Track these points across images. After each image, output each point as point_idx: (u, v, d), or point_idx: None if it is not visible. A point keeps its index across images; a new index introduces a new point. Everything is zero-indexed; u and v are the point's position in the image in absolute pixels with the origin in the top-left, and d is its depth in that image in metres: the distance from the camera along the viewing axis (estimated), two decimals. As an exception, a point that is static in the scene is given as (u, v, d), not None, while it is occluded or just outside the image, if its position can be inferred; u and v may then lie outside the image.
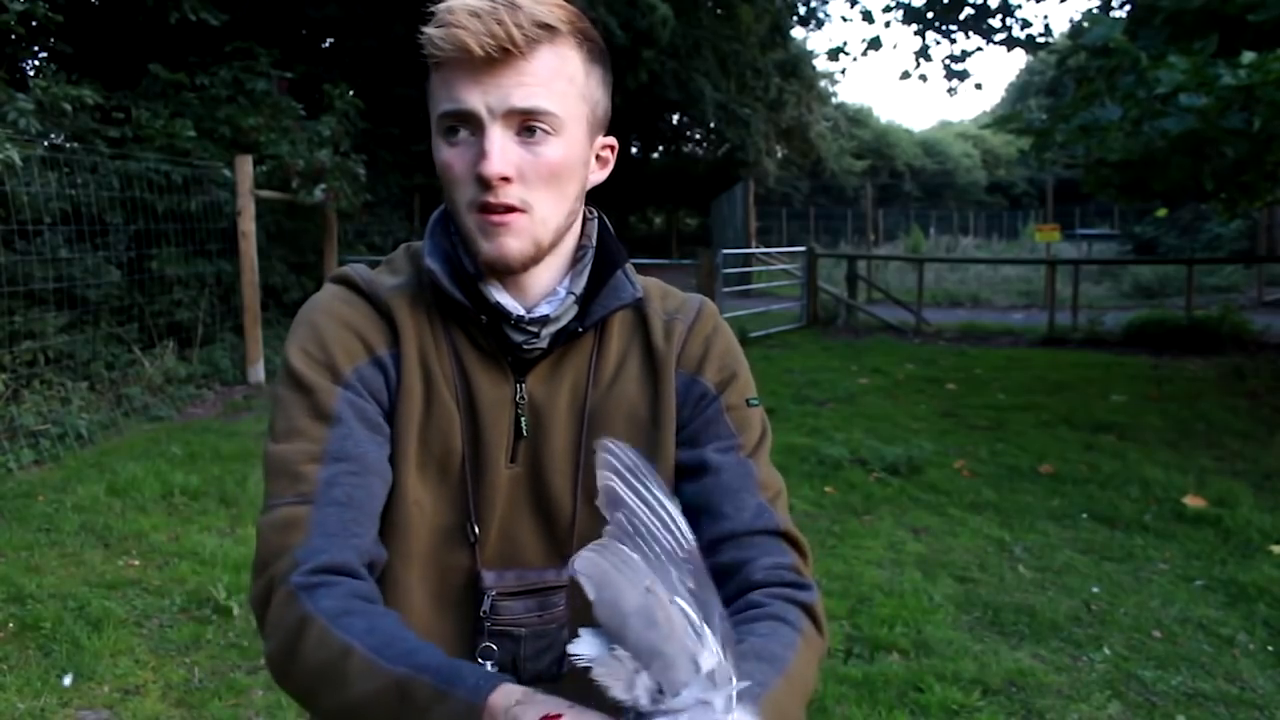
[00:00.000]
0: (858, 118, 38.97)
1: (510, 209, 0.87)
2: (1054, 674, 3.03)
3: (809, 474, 5.27)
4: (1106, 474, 5.24)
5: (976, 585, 3.76)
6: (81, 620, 3.34)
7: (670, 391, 0.98)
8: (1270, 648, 3.22)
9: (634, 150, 31.18)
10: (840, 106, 36.68)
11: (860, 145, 36.96)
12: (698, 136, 32.07)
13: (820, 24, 34.45)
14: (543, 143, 0.87)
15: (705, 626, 0.60)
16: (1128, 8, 8.23)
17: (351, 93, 10.20)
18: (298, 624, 0.79)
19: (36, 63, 9.96)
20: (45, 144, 6.75)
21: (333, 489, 0.85)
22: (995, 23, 10.98)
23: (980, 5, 10.85)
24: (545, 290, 0.95)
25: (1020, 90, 46.35)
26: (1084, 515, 4.61)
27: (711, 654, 0.59)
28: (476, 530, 0.93)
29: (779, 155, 29.75)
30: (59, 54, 9.24)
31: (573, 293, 0.95)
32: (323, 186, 8.36)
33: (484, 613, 0.94)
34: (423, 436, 0.92)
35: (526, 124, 0.87)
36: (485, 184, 0.86)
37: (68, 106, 6.77)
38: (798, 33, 27.33)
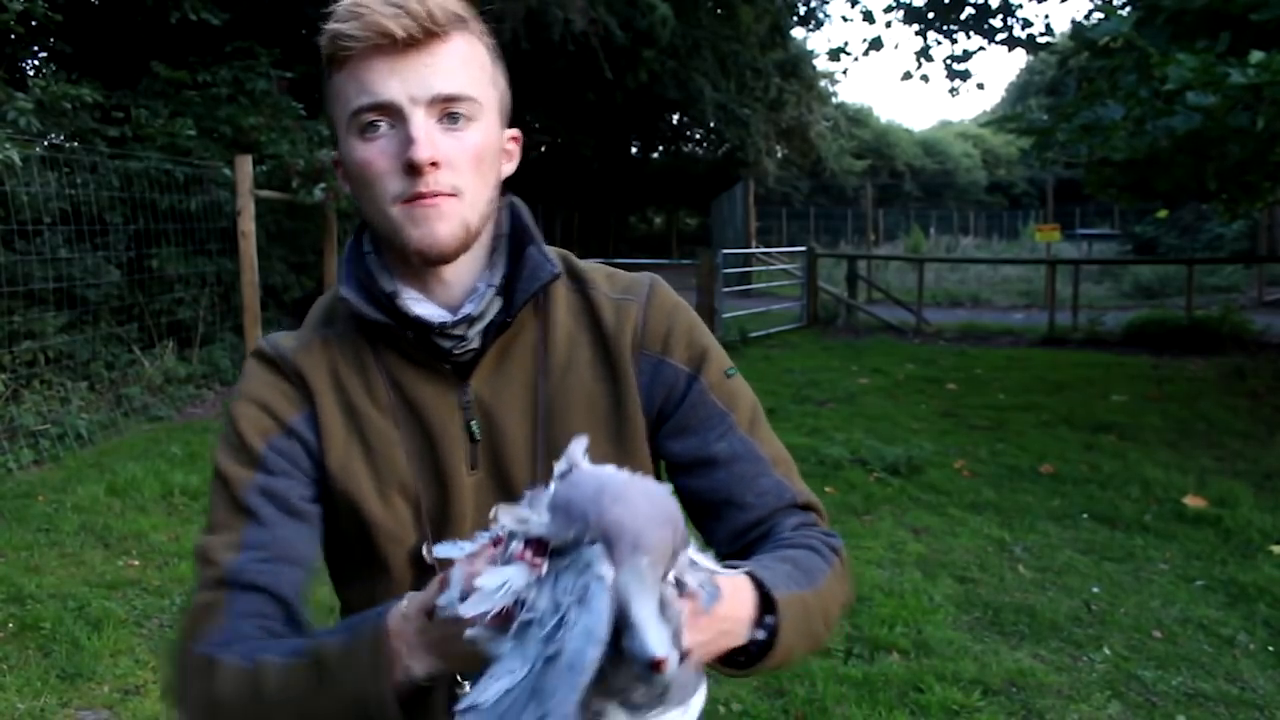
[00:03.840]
0: (858, 118, 38.95)
1: (439, 195, 0.85)
2: (1054, 674, 3.03)
3: (809, 474, 5.26)
4: (1106, 474, 5.24)
5: (976, 585, 3.75)
6: (81, 620, 3.34)
7: (629, 377, 0.95)
8: (1270, 648, 3.22)
9: (634, 150, 31.19)
10: (840, 106, 36.66)
11: (860, 145, 36.94)
12: (698, 136, 32.07)
13: (820, 24, 34.38)
14: (465, 128, 0.86)
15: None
16: (1129, 8, 8.22)
17: (352, 92, 10.17)
18: (208, 680, 0.79)
19: (36, 62, 9.96)
20: (45, 143, 6.75)
21: (245, 572, 0.84)
22: (996, 23, 10.96)
23: (981, 5, 10.84)
24: (467, 287, 0.93)
25: (1021, 90, 46.35)
26: (1084, 515, 4.61)
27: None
28: (432, 551, 0.89)
29: (779, 155, 29.73)
30: (59, 53, 9.24)
31: (493, 285, 0.92)
32: (323, 186, 8.36)
33: None
34: (371, 469, 0.90)
35: (448, 110, 0.85)
36: (415, 171, 0.83)
37: (68, 106, 6.77)
38: (798, 33, 27.31)
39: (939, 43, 11.50)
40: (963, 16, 10.98)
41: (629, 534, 0.61)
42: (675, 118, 29.70)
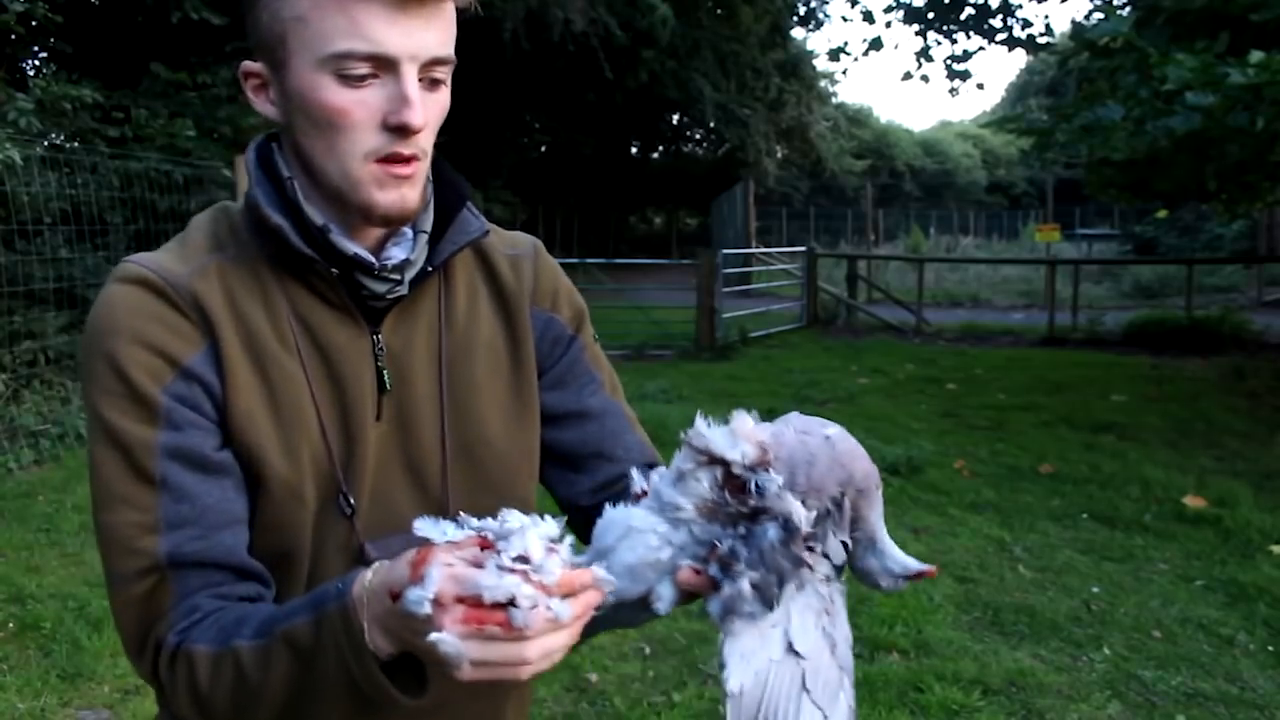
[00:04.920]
0: (858, 118, 38.93)
1: (414, 159, 0.83)
2: (1054, 674, 3.03)
3: (809, 474, 5.26)
4: (1106, 474, 5.24)
5: (976, 585, 3.76)
6: (81, 620, 3.34)
7: (527, 330, 0.96)
8: (1270, 648, 3.22)
9: (634, 150, 31.20)
10: (840, 106, 36.64)
11: (860, 145, 36.91)
12: (698, 136, 32.09)
13: (820, 24, 34.41)
14: (439, 90, 0.84)
15: None
16: (1129, 8, 8.22)
17: (352, 92, 10.19)
18: (188, 672, 0.77)
19: (36, 62, 9.97)
20: (45, 143, 6.75)
21: (181, 554, 0.78)
22: (996, 23, 10.96)
23: (981, 5, 10.83)
24: (383, 231, 0.88)
25: (1020, 90, 46.34)
26: (1084, 515, 4.61)
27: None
28: (351, 501, 0.86)
29: (779, 155, 29.72)
30: (59, 53, 9.24)
31: (423, 231, 0.89)
32: (323, 186, 8.37)
33: None
34: (276, 418, 0.83)
35: (432, 73, 0.83)
36: (403, 133, 0.80)
37: (68, 106, 6.77)
38: (798, 33, 27.32)
39: (939, 43, 11.48)
40: (963, 17, 10.97)
41: (875, 477, 0.69)
42: (675, 118, 29.71)
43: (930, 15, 11.01)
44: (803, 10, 24.14)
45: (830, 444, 0.67)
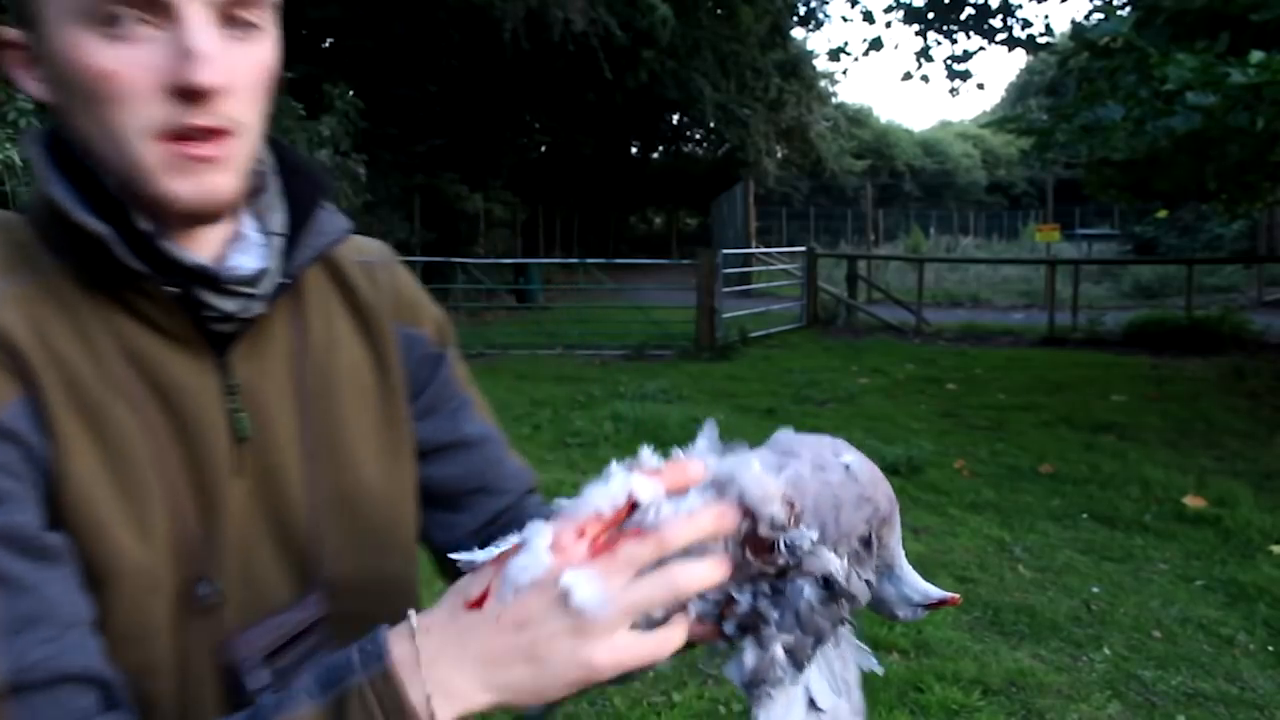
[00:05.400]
0: (858, 118, 38.96)
1: (220, 133, 0.63)
2: (1054, 674, 3.03)
3: (809, 474, 5.27)
4: (1106, 474, 5.24)
5: (976, 585, 3.76)
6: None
7: (393, 351, 0.80)
8: (1270, 648, 3.22)
9: (634, 150, 31.21)
10: (840, 106, 36.67)
11: (860, 145, 36.94)
12: (698, 136, 32.10)
13: (820, 24, 34.43)
14: (253, 39, 0.64)
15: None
16: (1129, 8, 8.23)
17: (351, 93, 10.21)
18: None
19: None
20: (45, 144, 6.74)
21: (30, 672, 0.55)
22: (996, 23, 10.97)
23: (981, 5, 10.84)
24: (221, 236, 0.69)
25: (1020, 90, 46.35)
26: (1084, 515, 4.61)
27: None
28: (217, 584, 0.67)
29: (779, 155, 29.74)
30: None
31: (275, 233, 0.72)
32: (323, 186, 8.37)
33: (251, 695, 0.67)
34: (119, 486, 0.63)
35: (232, 13, 0.62)
36: (192, 98, 0.60)
37: (68, 106, 6.76)
38: (798, 33, 27.32)
39: (939, 43, 11.48)
40: (963, 17, 10.98)
41: (894, 501, 0.64)
42: (675, 118, 29.71)
43: (930, 15, 11.01)
44: (803, 10, 24.14)
45: (852, 477, 0.61)
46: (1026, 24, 10.88)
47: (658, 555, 0.54)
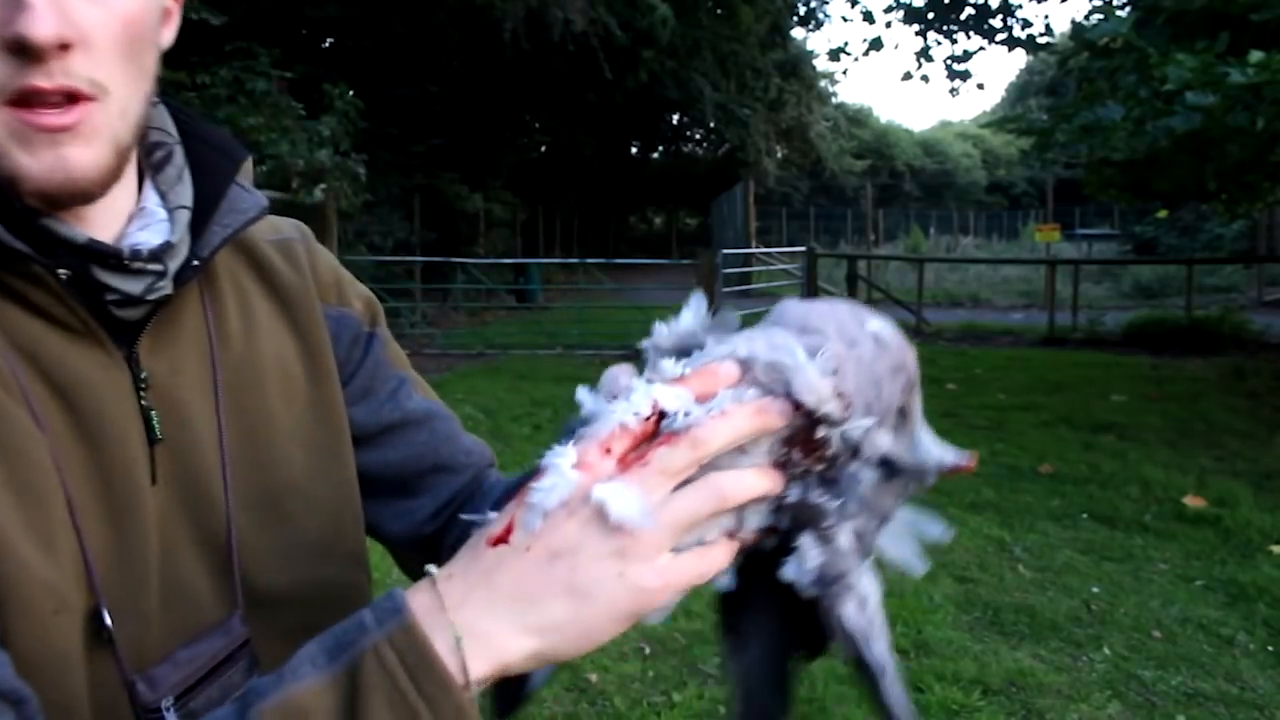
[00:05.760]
0: (858, 118, 38.97)
1: (74, 97, 0.54)
2: (1054, 674, 3.03)
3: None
4: (1106, 474, 5.24)
5: (976, 585, 3.76)
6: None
7: (322, 334, 0.73)
8: (1270, 648, 3.22)
9: (634, 150, 31.22)
10: (840, 106, 36.70)
11: (860, 145, 36.97)
12: (698, 136, 32.12)
13: (820, 24, 34.48)
14: None
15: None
16: (1128, 8, 8.23)
17: (351, 93, 10.21)
18: None
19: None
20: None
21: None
22: (996, 23, 10.98)
23: (981, 5, 10.85)
24: (120, 212, 0.62)
25: (1020, 90, 46.36)
26: (1084, 515, 4.61)
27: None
28: (140, 605, 0.59)
29: (779, 155, 29.76)
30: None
31: (184, 207, 0.64)
32: (323, 186, 8.37)
33: None
34: (17, 498, 0.54)
35: None
36: (30, 55, 0.52)
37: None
38: (798, 33, 27.35)
39: (939, 43, 11.49)
40: (963, 17, 10.98)
41: (917, 363, 0.58)
42: (675, 118, 29.73)
43: (930, 15, 11.02)
44: (803, 10, 24.16)
45: (883, 347, 0.55)
46: (1026, 24, 10.88)
47: (695, 460, 0.48)
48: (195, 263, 0.63)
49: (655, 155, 32.83)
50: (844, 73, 70.80)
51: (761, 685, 0.59)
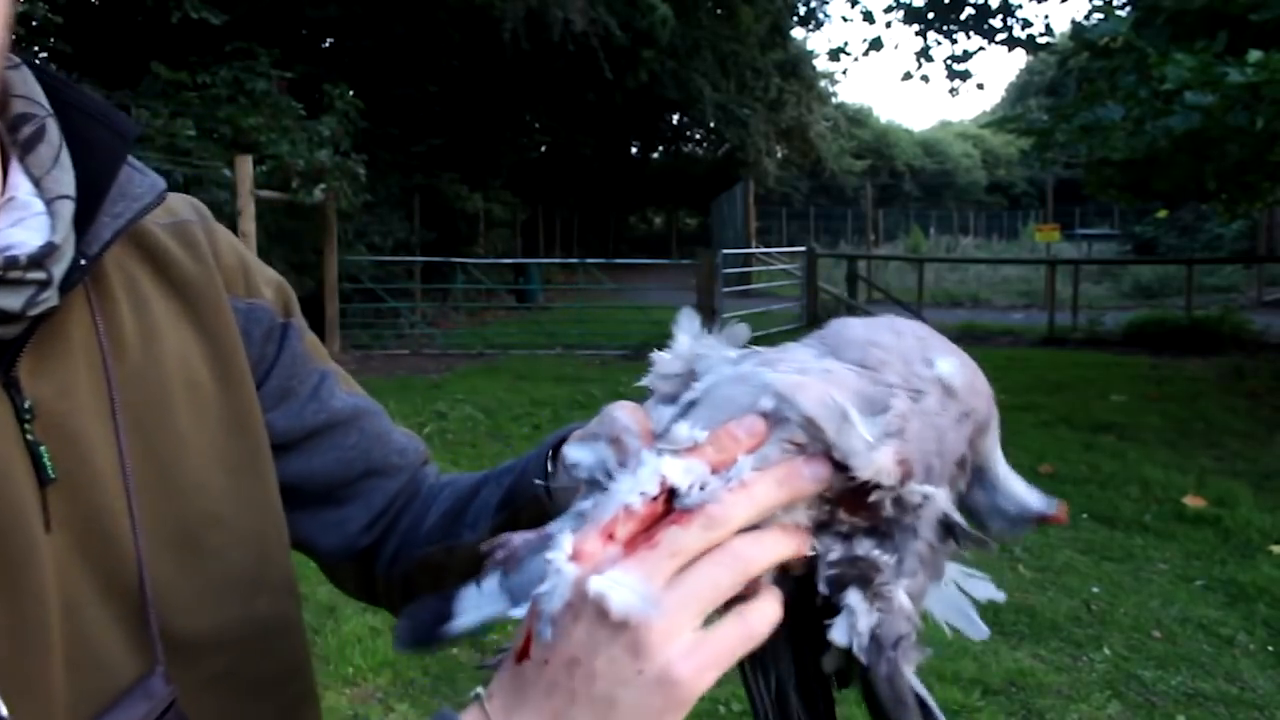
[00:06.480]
0: (858, 118, 38.99)
1: None
2: (1054, 674, 3.03)
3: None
4: (1106, 474, 5.24)
5: (976, 585, 3.76)
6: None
7: (232, 333, 0.63)
8: (1270, 648, 3.22)
9: (634, 150, 31.23)
10: (840, 106, 36.71)
11: (860, 145, 36.98)
12: (697, 136, 32.13)
13: (820, 24, 34.52)
14: None
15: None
16: (1128, 8, 8.24)
17: (351, 93, 10.22)
18: None
19: (37, 63, 10.01)
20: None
21: None
22: (996, 23, 10.99)
23: (981, 5, 10.86)
24: None
25: (1020, 90, 46.38)
26: (1084, 515, 4.61)
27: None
28: (3, 708, 0.47)
29: (779, 155, 29.77)
30: (59, 54, 9.25)
31: (66, 196, 0.53)
32: (323, 186, 8.37)
33: None
34: None
35: None
36: None
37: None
38: (798, 33, 27.37)
39: (939, 43, 11.51)
40: (963, 17, 10.99)
41: (993, 403, 0.51)
42: (675, 118, 29.73)
43: (930, 15, 11.03)
44: (803, 10, 24.18)
45: (949, 393, 0.49)
46: (1026, 24, 10.89)
47: (710, 541, 0.43)
48: (82, 262, 0.53)
49: (655, 155, 32.83)
50: (844, 73, 70.89)
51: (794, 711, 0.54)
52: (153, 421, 0.57)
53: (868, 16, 14.61)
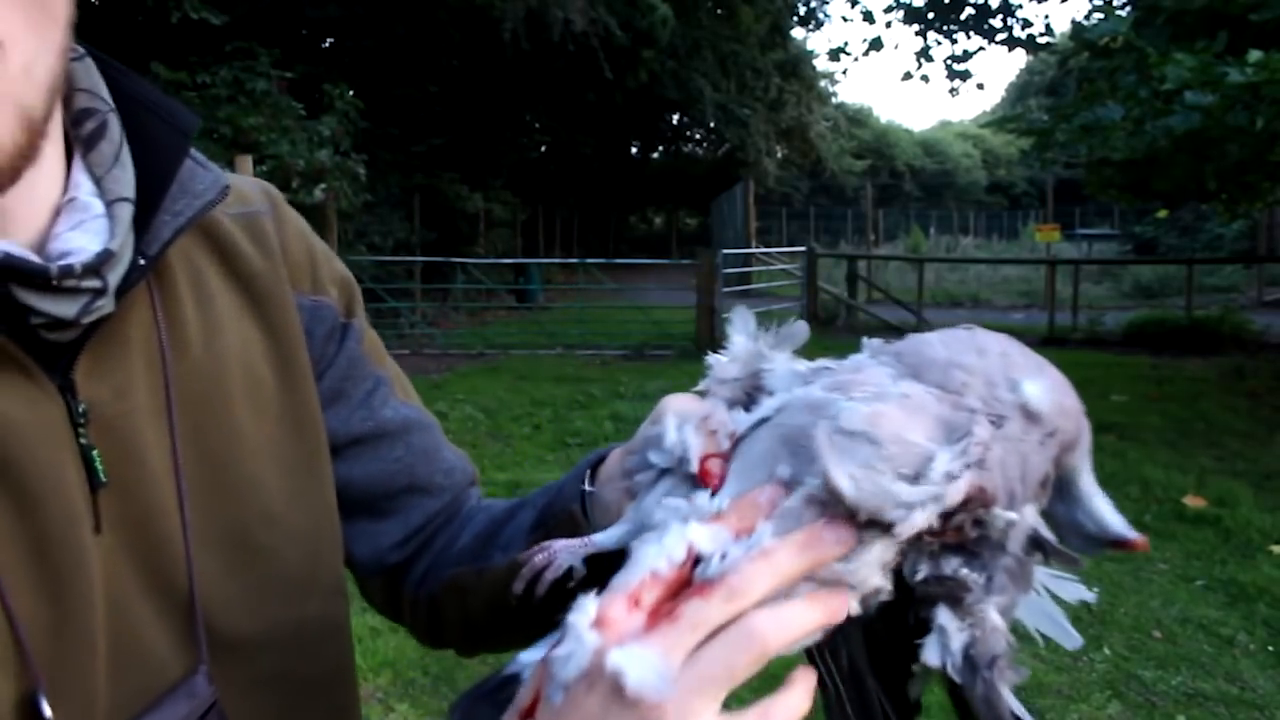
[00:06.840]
0: (858, 118, 38.98)
1: None
2: (1054, 674, 3.03)
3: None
4: (1106, 474, 5.24)
5: (976, 585, 3.76)
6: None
7: (296, 330, 0.62)
8: (1270, 648, 3.22)
9: (634, 150, 31.23)
10: (840, 106, 36.72)
11: (860, 145, 36.97)
12: (698, 136, 32.13)
13: (820, 24, 34.56)
14: None
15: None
16: (1128, 8, 8.24)
17: (351, 93, 10.23)
18: None
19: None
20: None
21: None
22: (996, 23, 11.00)
23: (981, 5, 10.86)
24: (42, 204, 0.51)
25: (1020, 90, 46.37)
26: (1084, 515, 4.61)
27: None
28: (47, 708, 0.47)
29: (779, 155, 29.76)
30: (59, 54, 9.26)
31: (125, 199, 0.52)
32: (323, 186, 8.38)
33: None
34: None
35: None
36: None
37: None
38: (798, 33, 27.38)
39: (939, 43, 11.53)
40: (963, 16, 11.00)
41: (1082, 419, 0.50)
42: (675, 118, 29.74)
43: (930, 15, 11.04)
44: (803, 10, 24.19)
45: (1033, 418, 0.48)
46: (1026, 24, 10.90)
47: (731, 613, 0.42)
48: (141, 263, 0.52)
49: (655, 155, 32.83)
50: (844, 73, 70.88)
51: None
52: (211, 418, 0.57)
53: (868, 16, 14.63)
